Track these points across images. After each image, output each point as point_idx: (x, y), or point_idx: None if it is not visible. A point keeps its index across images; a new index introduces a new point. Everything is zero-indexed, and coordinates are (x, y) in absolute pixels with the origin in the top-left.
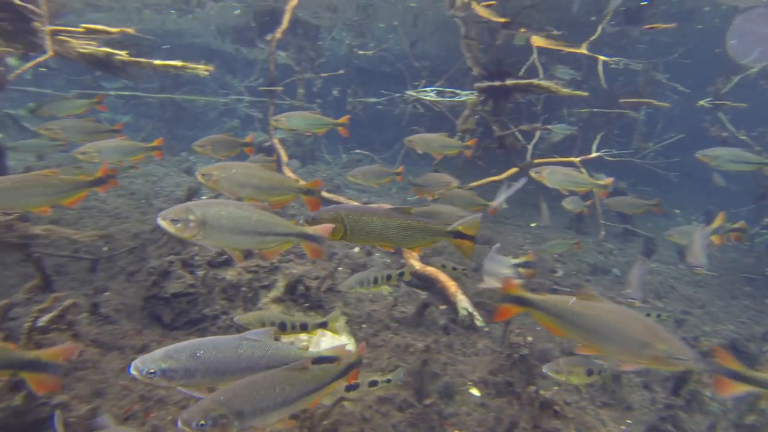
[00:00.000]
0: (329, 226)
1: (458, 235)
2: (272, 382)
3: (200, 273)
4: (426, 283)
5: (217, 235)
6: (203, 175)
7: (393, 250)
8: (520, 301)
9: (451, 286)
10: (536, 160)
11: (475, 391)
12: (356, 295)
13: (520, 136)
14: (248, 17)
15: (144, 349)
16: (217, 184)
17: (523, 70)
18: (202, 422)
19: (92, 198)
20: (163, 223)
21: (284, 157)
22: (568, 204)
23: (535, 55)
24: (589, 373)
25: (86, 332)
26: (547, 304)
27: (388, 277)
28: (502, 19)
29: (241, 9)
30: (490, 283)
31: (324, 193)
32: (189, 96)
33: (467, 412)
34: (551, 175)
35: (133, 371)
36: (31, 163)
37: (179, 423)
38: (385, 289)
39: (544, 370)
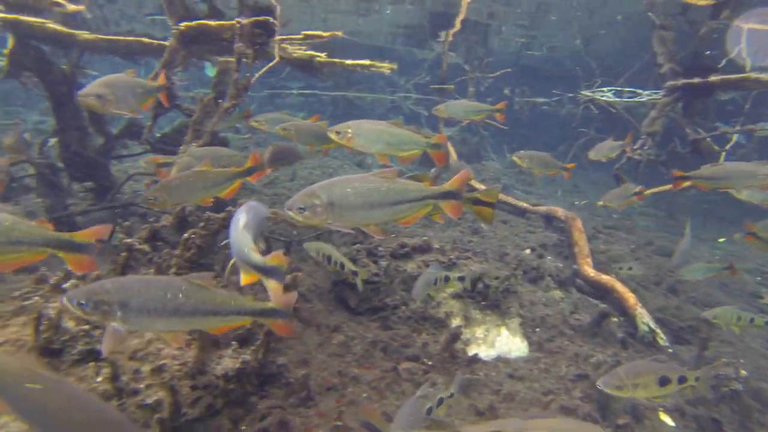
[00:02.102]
0: (465, 174)
1: (477, 201)
2: (169, 287)
3: (383, 263)
4: (599, 291)
5: (349, 214)
6: (337, 133)
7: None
8: None
9: (630, 297)
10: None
11: (667, 419)
12: (530, 297)
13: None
14: (421, 18)
15: (337, 329)
16: (350, 141)
17: (722, 63)
18: (83, 302)
19: (280, 186)
20: (290, 213)
21: (453, 156)
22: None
23: (743, 44)
24: (664, 381)
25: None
26: None
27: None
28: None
29: (415, 10)
30: None
31: (474, 183)
32: (359, 93)
33: None
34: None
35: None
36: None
37: (63, 298)
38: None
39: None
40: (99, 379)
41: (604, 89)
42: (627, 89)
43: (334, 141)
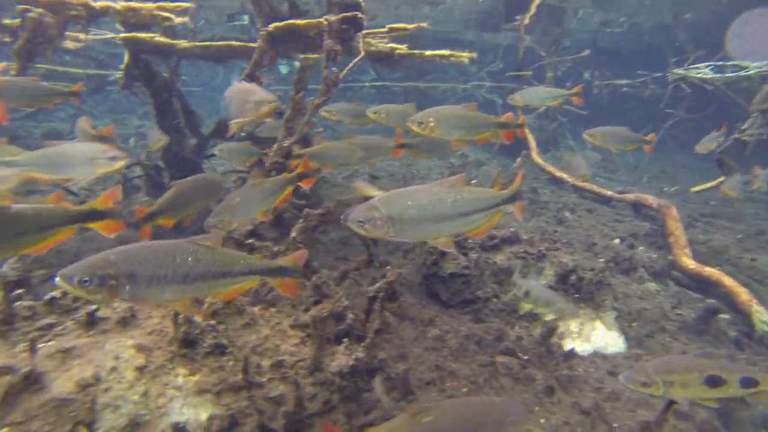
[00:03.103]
0: (520, 177)
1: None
2: (174, 251)
3: (473, 256)
4: (701, 284)
5: (411, 227)
6: (419, 123)
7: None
8: None
9: (742, 293)
10: None
11: None
12: (623, 290)
13: None
14: (495, 2)
15: (431, 323)
16: (433, 131)
17: None
18: (86, 279)
19: (361, 179)
20: (352, 226)
21: (532, 143)
22: None
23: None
24: (713, 382)
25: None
26: None
27: None
28: None
29: None
30: None
31: (537, 158)
32: (431, 83)
33: None
34: None
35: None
36: None
37: (56, 278)
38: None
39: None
40: (228, 371)
41: (700, 65)
42: (729, 63)
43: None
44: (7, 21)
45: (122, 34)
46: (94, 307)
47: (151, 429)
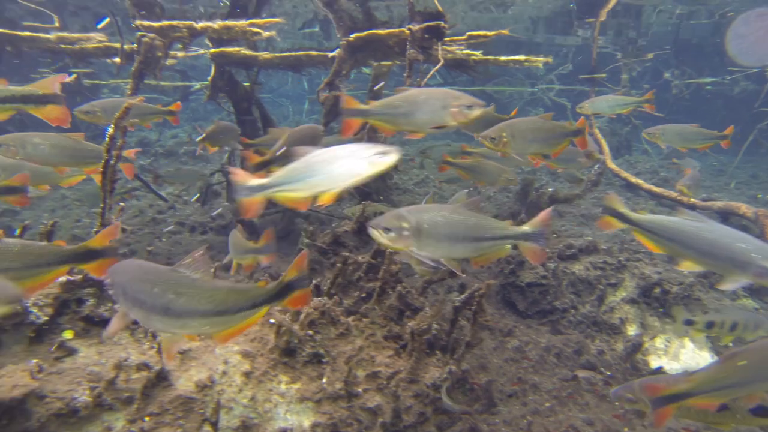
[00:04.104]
0: (547, 215)
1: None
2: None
3: (551, 265)
4: None
5: (434, 244)
6: (492, 139)
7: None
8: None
9: None
10: None
11: None
12: (715, 306)
13: None
14: (566, 2)
15: (509, 333)
16: (507, 146)
17: None
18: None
19: (432, 185)
20: (374, 233)
21: (605, 147)
22: None
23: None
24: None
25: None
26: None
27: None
28: None
29: None
30: None
31: (611, 164)
32: (498, 87)
33: None
34: None
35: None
36: None
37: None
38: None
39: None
40: (325, 380)
41: None
42: None
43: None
44: (127, 46)
45: (212, 50)
46: None
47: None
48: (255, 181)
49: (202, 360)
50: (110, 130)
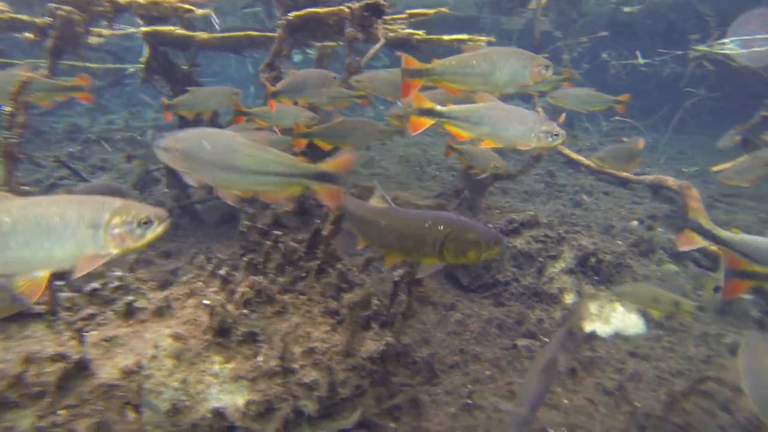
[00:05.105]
0: (347, 157)
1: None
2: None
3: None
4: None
5: (201, 168)
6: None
7: None
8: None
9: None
10: None
11: None
12: (643, 272)
13: None
14: None
15: (452, 307)
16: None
17: None
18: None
19: (377, 166)
20: (157, 150)
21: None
22: None
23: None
24: None
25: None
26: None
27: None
28: None
29: None
30: None
31: (580, 158)
32: None
33: None
34: None
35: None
36: None
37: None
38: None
39: None
40: (260, 358)
41: (725, 41)
42: (759, 37)
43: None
44: (39, 21)
45: (143, 28)
46: (132, 297)
47: (192, 414)
48: (429, 104)
49: (129, 346)
50: (6, 108)
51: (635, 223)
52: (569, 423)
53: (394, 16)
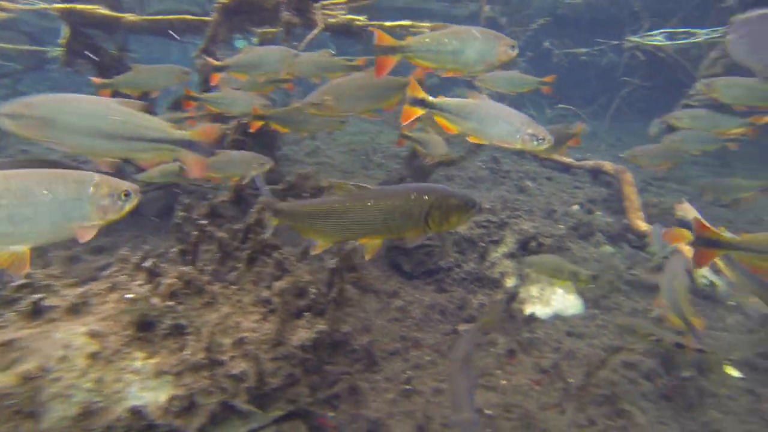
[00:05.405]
0: (213, 128)
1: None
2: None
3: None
4: None
5: (66, 136)
6: (314, 104)
7: None
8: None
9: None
10: None
11: (733, 371)
12: (583, 254)
13: None
14: None
15: (394, 295)
16: (334, 109)
17: None
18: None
19: (322, 155)
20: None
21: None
22: None
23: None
24: None
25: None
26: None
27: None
28: None
29: None
30: None
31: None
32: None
33: (730, 396)
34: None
35: None
36: None
37: None
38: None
39: None
40: (187, 351)
41: (654, 33)
42: (681, 30)
43: None
44: None
45: (57, 5)
46: (39, 295)
47: (107, 415)
48: (422, 94)
49: (32, 348)
50: None
51: (576, 207)
52: (506, 402)
53: (334, 1)
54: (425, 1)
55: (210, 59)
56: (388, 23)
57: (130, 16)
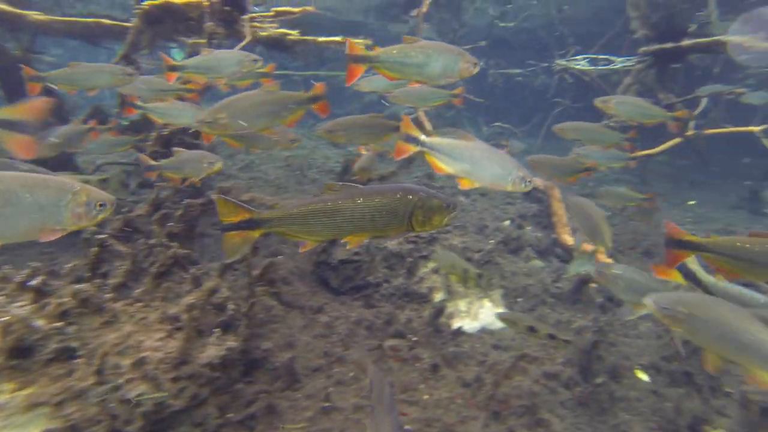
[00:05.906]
0: (41, 102)
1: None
2: None
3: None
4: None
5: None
6: (208, 123)
7: None
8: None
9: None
10: (708, 131)
11: (643, 376)
12: (512, 269)
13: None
14: None
15: (320, 311)
16: (228, 127)
17: (693, 28)
18: None
19: (256, 170)
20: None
21: (428, 127)
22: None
23: (712, 6)
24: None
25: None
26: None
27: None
28: None
29: None
30: None
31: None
32: (332, 72)
33: (638, 398)
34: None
35: None
36: None
37: None
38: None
39: None
40: (75, 377)
41: (578, 57)
42: (601, 56)
43: None
44: None
45: None
46: None
47: None
48: (416, 132)
49: None
50: None
51: (507, 222)
52: (427, 417)
53: (262, 14)
54: (365, 20)
55: (166, 57)
56: (321, 39)
57: (36, 15)
